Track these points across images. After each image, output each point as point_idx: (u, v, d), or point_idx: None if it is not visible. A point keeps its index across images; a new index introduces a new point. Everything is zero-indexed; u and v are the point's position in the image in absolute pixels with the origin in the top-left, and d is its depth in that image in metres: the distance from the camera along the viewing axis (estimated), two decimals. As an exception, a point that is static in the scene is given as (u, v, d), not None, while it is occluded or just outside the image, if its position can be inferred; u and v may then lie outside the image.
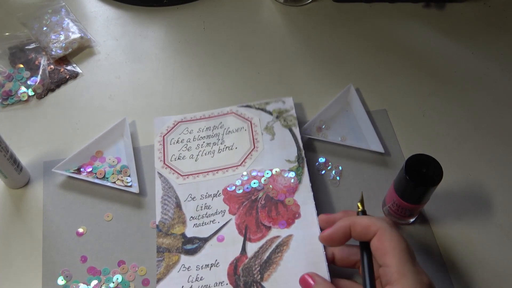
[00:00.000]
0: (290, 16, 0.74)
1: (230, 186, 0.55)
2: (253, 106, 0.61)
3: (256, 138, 0.58)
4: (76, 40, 0.68)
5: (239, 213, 0.53)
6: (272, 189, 0.54)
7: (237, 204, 0.54)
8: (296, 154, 0.57)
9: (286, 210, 0.53)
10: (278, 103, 0.61)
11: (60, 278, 0.51)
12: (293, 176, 0.55)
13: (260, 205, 0.53)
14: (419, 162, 0.47)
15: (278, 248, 0.50)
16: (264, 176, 0.55)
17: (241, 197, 0.54)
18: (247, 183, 0.55)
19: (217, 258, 0.50)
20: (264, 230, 0.52)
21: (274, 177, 0.55)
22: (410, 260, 0.40)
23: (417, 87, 0.66)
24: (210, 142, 0.59)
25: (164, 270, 0.50)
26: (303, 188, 0.54)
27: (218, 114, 0.61)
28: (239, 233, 0.52)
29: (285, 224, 0.52)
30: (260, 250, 0.50)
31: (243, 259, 0.50)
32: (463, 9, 0.75)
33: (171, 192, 0.55)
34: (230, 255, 0.51)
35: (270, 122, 0.60)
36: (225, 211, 0.53)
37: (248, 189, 0.55)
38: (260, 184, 0.55)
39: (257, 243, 0.51)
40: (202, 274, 0.50)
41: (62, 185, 0.57)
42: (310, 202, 0.53)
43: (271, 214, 0.53)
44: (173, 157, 0.58)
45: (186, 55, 0.69)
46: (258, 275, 0.49)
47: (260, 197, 0.54)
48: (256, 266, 0.49)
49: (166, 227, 0.53)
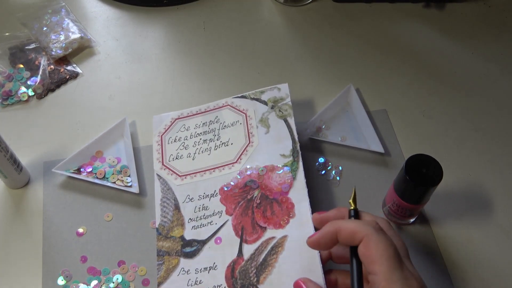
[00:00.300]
0: (290, 16, 0.74)
1: (227, 186, 0.55)
2: (248, 96, 0.60)
3: (251, 132, 0.58)
4: (76, 40, 0.68)
5: (236, 213, 0.53)
6: (267, 187, 0.54)
7: (234, 204, 0.54)
8: (291, 147, 0.56)
9: (281, 209, 0.52)
10: (273, 91, 0.60)
11: (60, 278, 0.51)
12: (287, 172, 0.54)
13: (255, 204, 0.53)
14: (419, 162, 0.47)
15: (273, 250, 0.50)
16: (258, 174, 0.55)
17: (237, 196, 0.54)
18: (243, 181, 0.55)
19: (215, 261, 0.50)
20: (259, 231, 0.51)
21: (269, 175, 0.55)
22: (398, 267, 0.39)
23: (417, 87, 0.66)
24: (207, 138, 0.58)
25: (164, 274, 0.50)
26: (298, 184, 0.53)
27: (214, 108, 0.61)
28: (236, 234, 0.52)
29: (280, 225, 0.52)
30: (256, 252, 0.50)
31: (240, 261, 0.50)
32: (463, 9, 0.75)
33: (170, 194, 0.55)
34: (228, 257, 0.50)
35: (265, 113, 0.59)
36: (222, 211, 0.53)
37: (243, 188, 0.54)
38: (255, 183, 0.55)
39: (253, 245, 0.51)
40: (201, 277, 0.50)
41: (62, 185, 0.57)
42: (305, 200, 0.52)
43: (266, 213, 0.52)
44: (171, 157, 0.58)
45: (186, 55, 0.69)
46: (254, 277, 0.49)
47: (256, 196, 0.54)
48: (252, 268, 0.49)
49: (165, 230, 0.53)
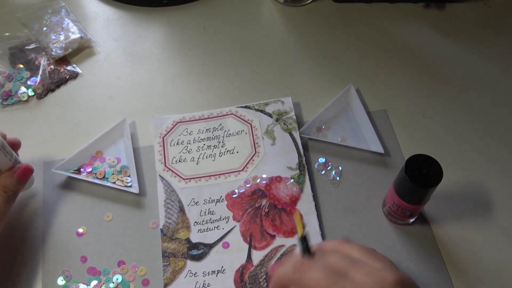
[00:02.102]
0: (290, 16, 0.74)
1: (233, 193, 0.55)
2: (252, 107, 0.61)
3: (257, 142, 0.58)
4: (76, 40, 0.68)
5: (243, 220, 0.53)
6: (275, 197, 0.54)
7: (241, 211, 0.54)
8: (297, 160, 0.57)
9: (289, 219, 0.53)
10: (277, 104, 0.61)
11: (60, 278, 0.51)
12: (295, 184, 0.55)
13: (264, 213, 0.53)
14: (419, 162, 0.47)
15: (282, 257, 0.50)
16: (266, 184, 0.55)
17: (244, 203, 0.54)
18: (250, 190, 0.55)
19: (223, 265, 0.51)
20: (268, 239, 0.52)
21: (277, 185, 0.55)
22: None
23: (417, 87, 0.66)
24: (211, 144, 0.59)
25: (170, 275, 0.50)
26: (305, 197, 0.54)
27: (218, 115, 0.61)
28: (244, 240, 0.52)
29: (289, 234, 0.52)
30: (265, 258, 0.51)
31: (249, 266, 0.50)
32: (463, 9, 0.75)
33: (174, 196, 0.55)
34: (236, 262, 0.51)
35: (270, 125, 0.60)
36: (229, 217, 0.54)
37: (251, 196, 0.55)
38: (263, 192, 0.55)
39: (262, 252, 0.51)
40: (209, 280, 0.50)
41: (62, 185, 0.57)
42: (312, 213, 0.53)
43: (275, 222, 0.53)
44: (174, 159, 0.58)
45: (186, 55, 0.69)
46: (264, 283, 0.49)
47: (264, 204, 0.54)
48: (262, 274, 0.50)
49: (170, 232, 0.53)
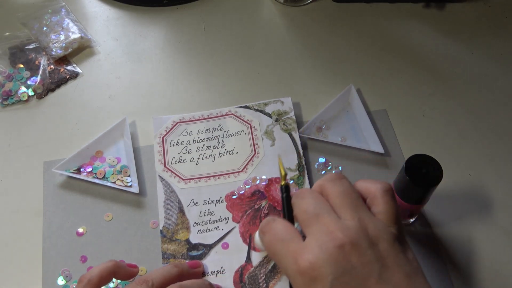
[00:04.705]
0: (290, 16, 0.74)
1: (233, 194, 0.55)
2: (252, 107, 0.61)
3: (256, 143, 0.58)
4: (76, 40, 0.68)
5: (243, 221, 0.53)
6: (274, 198, 0.54)
7: (240, 212, 0.54)
8: (296, 162, 0.57)
9: None
10: (276, 104, 0.61)
11: (60, 278, 0.51)
12: (294, 186, 0.55)
13: (263, 214, 0.53)
14: (419, 162, 0.47)
15: None
16: (265, 185, 0.55)
17: (244, 205, 0.54)
18: (249, 191, 0.55)
19: (222, 265, 0.51)
20: None
21: (276, 187, 0.55)
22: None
23: (417, 87, 0.66)
24: (210, 145, 0.59)
25: None
26: None
27: (217, 115, 0.61)
28: (244, 241, 0.52)
29: None
30: (264, 259, 0.51)
31: (249, 267, 0.50)
32: (463, 9, 0.75)
33: (174, 196, 0.55)
34: (236, 262, 0.51)
35: (270, 125, 0.60)
36: (228, 218, 0.54)
37: (250, 197, 0.55)
38: (262, 193, 0.55)
39: (261, 253, 0.51)
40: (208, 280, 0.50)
41: (62, 185, 0.57)
42: None
43: None
44: (174, 160, 0.58)
45: (186, 55, 0.69)
46: (263, 283, 0.49)
47: (263, 206, 0.54)
48: (261, 275, 0.50)
49: (170, 233, 0.53)
